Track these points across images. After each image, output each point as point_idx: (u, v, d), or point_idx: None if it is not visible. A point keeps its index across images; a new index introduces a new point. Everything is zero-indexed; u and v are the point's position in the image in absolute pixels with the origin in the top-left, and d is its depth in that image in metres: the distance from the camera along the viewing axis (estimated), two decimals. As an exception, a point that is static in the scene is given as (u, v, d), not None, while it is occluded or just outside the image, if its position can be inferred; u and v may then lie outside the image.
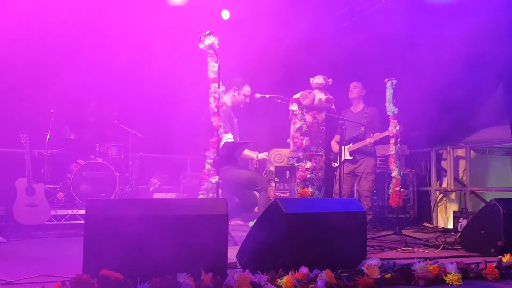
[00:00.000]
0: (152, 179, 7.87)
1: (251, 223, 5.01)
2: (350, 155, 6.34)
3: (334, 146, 6.60)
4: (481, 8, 6.86)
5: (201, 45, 4.16)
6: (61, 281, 2.26)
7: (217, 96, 4.15)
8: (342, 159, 6.26)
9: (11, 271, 2.96)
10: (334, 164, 6.44)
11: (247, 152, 5.08)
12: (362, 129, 6.39)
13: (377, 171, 7.57)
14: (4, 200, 6.01)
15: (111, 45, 7.67)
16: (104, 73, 7.63)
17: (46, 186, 6.47)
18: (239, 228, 5.93)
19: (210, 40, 4.12)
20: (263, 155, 5.06)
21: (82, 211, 6.44)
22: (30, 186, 5.88)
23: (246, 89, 5.15)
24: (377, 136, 6.30)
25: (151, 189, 7.75)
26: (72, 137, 7.47)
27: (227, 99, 5.08)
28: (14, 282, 2.63)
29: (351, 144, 6.44)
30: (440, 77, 7.40)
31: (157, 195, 7.69)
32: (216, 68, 4.14)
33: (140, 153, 7.90)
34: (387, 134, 5.96)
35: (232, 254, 3.08)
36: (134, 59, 7.46)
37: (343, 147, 6.30)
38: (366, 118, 6.48)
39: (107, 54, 7.54)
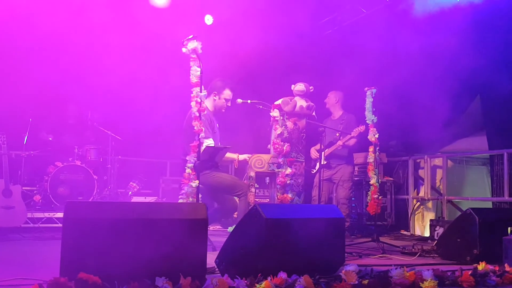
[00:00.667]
0: (131, 182, 7.81)
1: (230, 229, 5.00)
2: (325, 160, 6.33)
3: (313, 153, 6.61)
4: (460, 22, 7.00)
5: (184, 49, 4.15)
6: (38, 284, 2.23)
7: (199, 100, 4.15)
8: (321, 165, 6.30)
9: (-14, 273, 2.92)
10: (313, 171, 6.47)
11: (228, 155, 5.08)
12: (337, 134, 6.41)
13: (355, 178, 7.63)
14: (-20, 202, 5.91)
15: (92, 46, 7.60)
16: (84, 74, 7.57)
17: (23, 188, 6.39)
18: (218, 234, 5.92)
19: (193, 44, 4.12)
20: (244, 156, 5.05)
21: (59, 214, 6.37)
22: (6, 188, 5.79)
23: (227, 93, 5.12)
24: (345, 138, 6.32)
25: (130, 193, 7.69)
26: (50, 139, 7.38)
27: (208, 103, 5.06)
28: (-11, 284, 2.59)
29: (326, 150, 6.46)
30: (418, 88, 7.51)
31: (135, 199, 7.64)
32: (199, 73, 4.14)
33: (119, 157, 7.84)
34: (353, 135, 6.04)
35: (211, 259, 3.07)
36: (115, 61, 7.40)
37: (322, 153, 6.33)
38: (343, 124, 6.51)
39: (88, 56, 7.48)
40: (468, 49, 6.95)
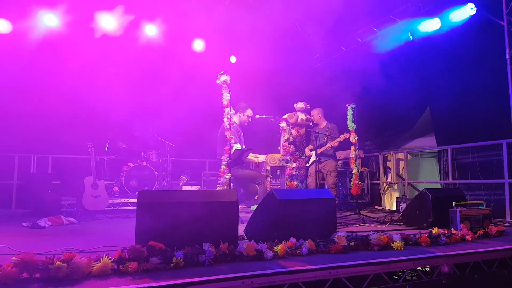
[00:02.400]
0: (181, 176, 7.84)
1: (253, 208, 4.99)
2: (317, 157, 6.26)
3: (307, 152, 6.56)
4: (411, 54, 6.94)
5: (217, 81, 4.17)
6: (121, 250, 2.25)
7: (229, 117, 4.17)
8: (313, 160, 6.27)
9: (83, 243, 2.94)
10: (307, 164, 6.43)
11: (251, 157, 5.08)
12: (325, 138, 6.35)
13: (341, 169, 7.58)
14: (76, 192, 5.99)
15: (152, 81, 7.72)
16: (147, 101, 7.68)
17: (106, 182, 6.47)
18: (244, 211, 5.90)
19: (224, 77, 4.14)
20: (262, 158, 5.06)
21: (132, 200, 6.44)
22: (94, 182, 5.87)
23: (249, 112, 5.16)
24: (333, 142, 6.26)
25: (181, 183, 7.72)
26: (124, 146, 7.47)
27: (236, 119, 5.09)
28: (86, 251, 2.61)
29: (318, 150, 6.40)
30: (386, 103, 7.46)
31: (185, 188, 7.66)
32: (229, 97, 4.16)
33: (173, 158, 7.88)
34: (339, 140, 5.98)
35: (240, 230, 3.07)
36: (169, 91, 7.51)
37: (315, 152, 6.28)
38: (329, 131, 6.45)
39: (150, 87, 7.58)
40: (419, 68, 6.89)
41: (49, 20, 6.86)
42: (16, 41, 6.70)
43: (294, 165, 4.54)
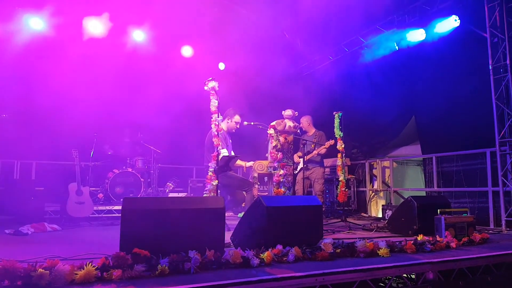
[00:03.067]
0: (167, 183, 7.78)
1: (240, 215, 4.96)
2: (304, 164, 6.26)
3: (296, 158, 6.59)
4: (398, 64, 7.06)
5: (205, 87, 4.17)
6: (105, 257, 2.21)
7: (217, 123, 4.16)
8: (300, 167, 6.28)
9: (66, 251, 2.90)
10: (295, 171, 6.45)
11: (239, 162, 5.07)
12: (313, 145, 6.38)
13: (328, 176, 7.62)
14: (60, 199, 5.88)
15: (140, 87, 7.67)
16: (136, 106, 7.62)
17: (91, 188, 6.35)
18: (231, 218, 5.87)
19: (212, 84, 4.14)
20: (250, 163, 5.05)
21: (117, 207, 6.34)
22: (79, 189, 5.77)
23: (237, 118, 5.15)
24: (320, 148, 6.29)
25: (167, 190, 7.65)
26: (110, 153, 7.38)
27: (223, 125, 5.07)
28: (69, 258, 2.57)
29: (305, 157, 6.43)
30: (371, 112, 7.55)
31: (171, 195, 7.60)
32: (216, 104, 4.15)
33: (159, 164, 7.81)
34: (326, 147, 6.02)
35: (227, 237, 3.05)
36: (157, 97, 7.47)
37: (302, 159, 6.30)
38: (316, 138, 6.49)
39: (138, 92, 7.54)
40: (406, 84, 7.00)
41: (35, 24, 6.78)
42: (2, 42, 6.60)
43: (281, 172, 4.54)
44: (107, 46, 7.23)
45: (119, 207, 6.20)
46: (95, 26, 7.01)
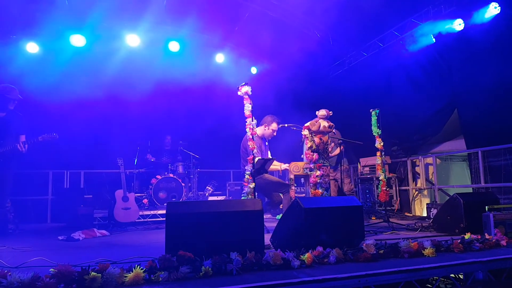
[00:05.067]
0: (207, 187, 7.95)
1: (278, 217, 4.96)
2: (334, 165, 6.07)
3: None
4: (438, 59, 6.79)
5: (239, 93, 4.21)
6: (152, 260, 2.30)
7: (251, 127, 4.19)
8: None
9: (116, 254, 3.02)
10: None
11: (274, 164, 5.08)
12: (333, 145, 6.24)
13: (368, 176, 7.46)
14: (107, 205, 6.17)
15: (178, 96, 7.90)
16: (176, 116, 7.86)
17: (136, 194, 6.61)
18: (269, 220, 5.90)
19: (245, 88, 4.17)
20: (285, 166, 5.05)
21: (161, 211, 6.56)
22: (125, 195, 6.02)
23: (274, 126, 5.17)
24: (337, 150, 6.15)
25: (207, 194, 7.82)
26: (152, 160, 7.65)
27: (259, 131, 5.11)
28: (119, 261, 2.67)
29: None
30: (410, 105, 7.32)
31: (211, 198, 7.75)
32: (250, 108, 4.18)
33: (198, 169, 8.00)
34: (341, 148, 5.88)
35: (265, 239, 3.08)
36: (195, 105, 7.68)
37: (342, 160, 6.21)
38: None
39: (177, 104, 7.76)
40: (446, 77, 6.73)
41: (76, 41, 7.17)
42: (45, 60, 7.03)
43: (318, 172, 4.49)
44: (144, 55, 7.52)
45: (163, 211, 6.45)
46: (133, 39, 7.30)
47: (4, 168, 3.98)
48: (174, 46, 7.89)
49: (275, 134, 5.22)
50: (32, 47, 7.16)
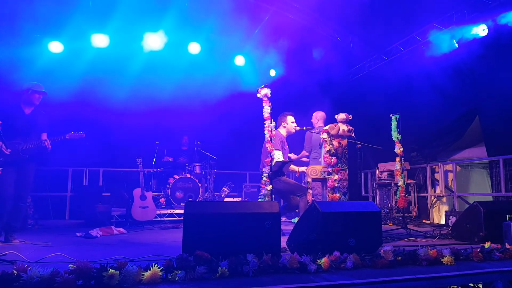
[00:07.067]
0: (223, 188, 7.97)
1: (294, 220, 4.94)
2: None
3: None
4: (456, 54, 6.66)
5: (258, 95, 4.22)
6: (169, 259, 2.32)
7: (270, 129, 4.19)
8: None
9: (133, 252, 3.07)
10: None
11: (292, 167, 5.07)
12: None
13: (386, 181, 7.36)
14: (125, 204, 6.25)
15: (197, 98, 7.96)
16: (193, 117, 7.93)
17: (153, 194, 6.68)
18: (285, 224, 5.89)
19: (264, 91, 4.18)
20: (302, 168, 5.03)
21: (177, 211, 6.61)
22: (143, 194, 6.10)
23: (290, 119, 5.15)
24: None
25: (223, 195, 7.84)
26: (170, 160, 7.73)
27: (282, 131, 5.12)
28: (136, 259, 2.71)
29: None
30: (431, 111, 7.19)
31: (227, 199, 7.78)
32: (269, 110, 4.19)
33: (215, 170, 8.04)
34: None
35: (282, 242, 3.07)
36: (213, 107, 7.72)
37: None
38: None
39: (195, 106, 7.83)
40: (468, 83, 6.59)
41: (99, 41, 7.29)
42: (68, 60, 7.17)
43: (336, 177, 4.46)
44: (164, 57, 7.60)
45: (179, 211, 6.51)
46: (154, 40, 7.40)
47: (29, 164, 4.09)
48: (194, 48, 7.95)
49: (296, 127, 5.15)
50: (55, 47, 7.29)
